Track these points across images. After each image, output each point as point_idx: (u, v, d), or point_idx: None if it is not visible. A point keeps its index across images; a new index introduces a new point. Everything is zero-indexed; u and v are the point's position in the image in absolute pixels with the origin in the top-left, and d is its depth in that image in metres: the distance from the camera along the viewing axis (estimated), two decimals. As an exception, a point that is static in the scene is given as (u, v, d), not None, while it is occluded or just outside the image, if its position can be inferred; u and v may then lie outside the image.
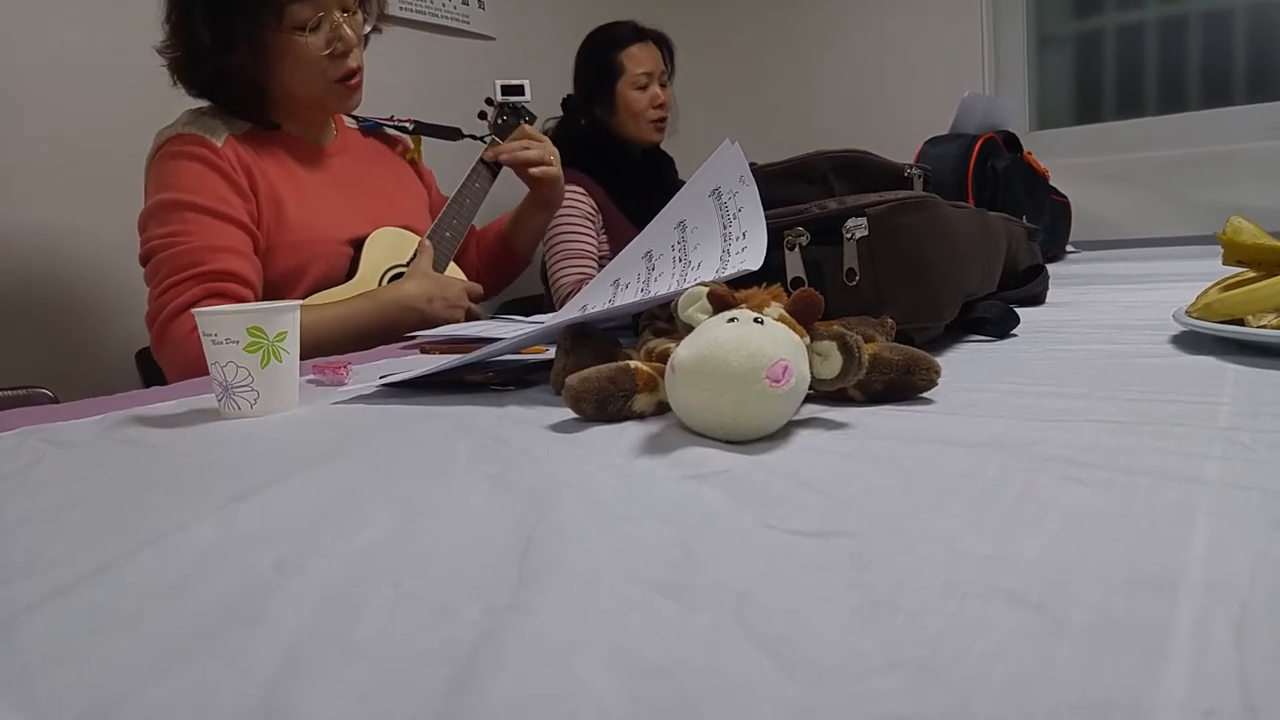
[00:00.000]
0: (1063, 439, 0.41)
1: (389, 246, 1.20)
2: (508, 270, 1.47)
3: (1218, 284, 0.66)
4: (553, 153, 1.36)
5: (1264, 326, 0.57)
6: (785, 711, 0.21)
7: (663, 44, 1.92)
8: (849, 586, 0.27)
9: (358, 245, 1.17)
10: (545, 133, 1.75)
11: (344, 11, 1.14)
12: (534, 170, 1.33)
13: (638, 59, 1.86)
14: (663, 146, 1.98)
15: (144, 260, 1.07)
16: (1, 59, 1.31)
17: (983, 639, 0.23)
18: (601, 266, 1.79)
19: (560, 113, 1.94)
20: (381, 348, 1.02)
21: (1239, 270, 0.67)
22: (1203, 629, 0.23)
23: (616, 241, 1.82)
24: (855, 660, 0.23)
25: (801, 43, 2.66)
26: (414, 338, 0.96)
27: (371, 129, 1.37)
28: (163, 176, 1.09)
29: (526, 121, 1.38)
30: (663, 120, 1.90)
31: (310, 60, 1.13)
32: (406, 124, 1.37)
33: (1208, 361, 0.57)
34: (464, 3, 2.11)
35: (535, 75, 1.96)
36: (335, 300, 1.11)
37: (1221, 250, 0.67)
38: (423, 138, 1.40)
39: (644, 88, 1.86)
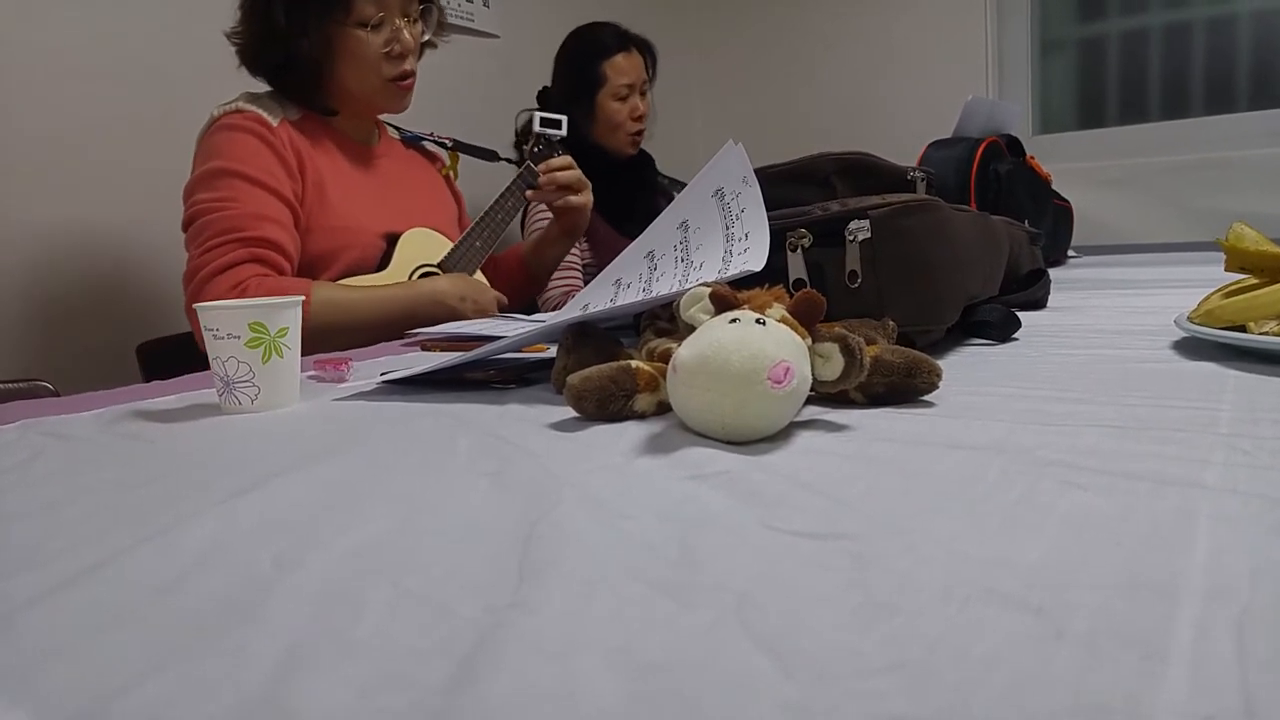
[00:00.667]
0: (1063, 443, 0.41)
1: (421, 245, 1.25)
2: (524, 297, 1.53)
3: (1219, 290, 0.66)
4: (587, 184, 1.39)
5: (1265, 333, 0.57)
6: (783, 710, 0.21)
7: (646, 51, 1.89)
8: (849, 587, 0.27)
9: (392, 240, 1.22)
10: (523, 128, 1.79)
11: (405, 18, 1.21)
12: (559, 203, 1.37)
13: (621, 69, 1.83)
14: (648, 147, 1.97)
15: (187, 224, 1.11)
16: (0, 56, 1.31)
17: (982, 642, 0.23)
18: (587, 275, 1.78)
19: (537, 105, 1.94)
20: (383, 344, 1.03)
21: (1241, 276, 0.67)
22: (1203, 634, 0.23)
23: (599, 248, 1.81)
24: (854, 660, 0.23)
25: (805, 44, 2.67)
26: (416, 334, 0.97)
27: (412, 141, 1.42)
28: (216, 147, 1.13)
29: (559, 154, 1.41)
30: (640, 132, 1.89)
31: (368, 56, 1.19)
32: (445, 141, 1.42)
33: (1209, 367, 0.57)
34: (468, 0, 2.11)
35: (538, 74, 1.96)
36: (377, 285, 1.14)
37: (1224, 256, 0.67)
38: (459, 156, 1.43)
39: (624, 99, 1.84)
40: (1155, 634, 0.23)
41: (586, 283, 0.92)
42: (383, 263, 1.21)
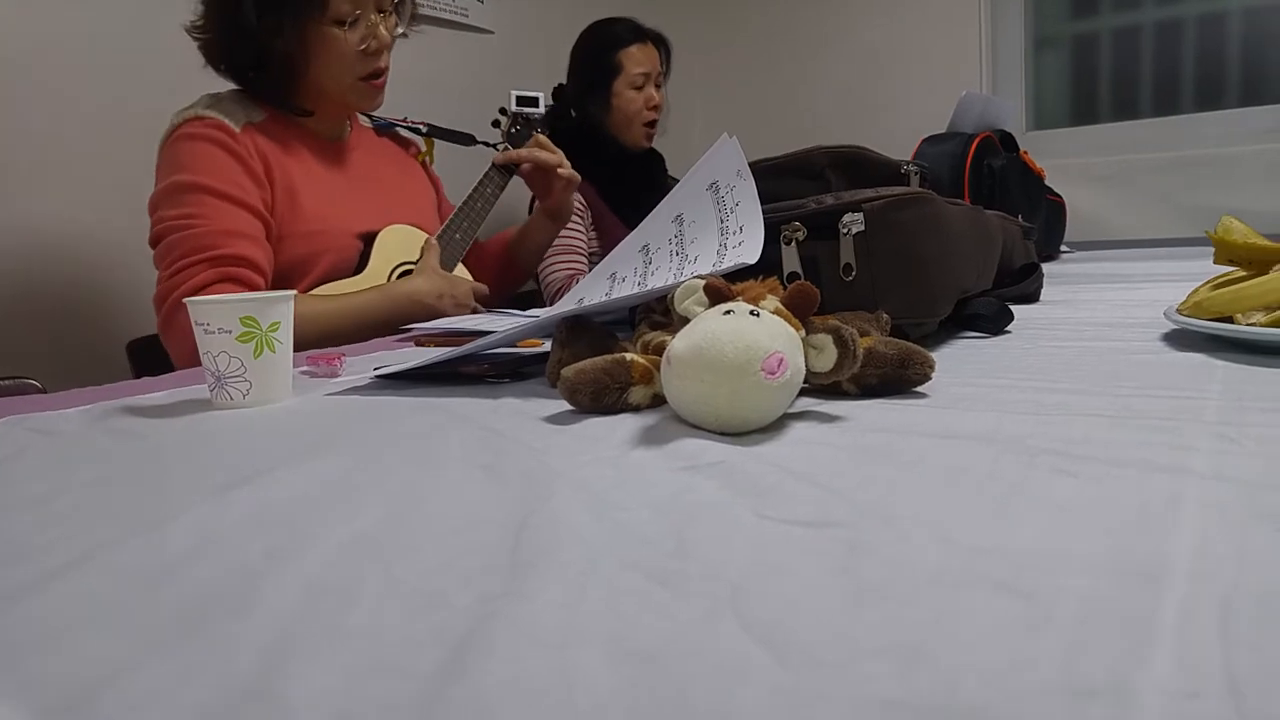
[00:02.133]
0: (1055, 433, 0.41)
1: (399, 243, 1.22)
2: (507, 283, 1.49)
3: (1208, 283, 0.67)
4: (567, 162, 1.36)
5: (1252, 324, 0.57)
6: (775, 695, 0.21)
7: (661, 44, 1.92)
8: (841, 574, 0.27)
9: (368, 240, 1.19)
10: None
11: (379, 12, 1.17)
12: (556, 172, 1.33)
13: (636, 59, 1.85)
14: (654, 144, 1.98)
15: (154, 242, 1.08)
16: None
17: (972, 626, 0.23)
18: (591, 263, 1.79)
19: (551, 101, 1.94)
20: (376, 340, 1.02)
21: (1229, 269, 0.67)
22: (1187, 616, 0.23)
23: (605, 238, 1.82)
24: (846, 646, 0.23)
25: (804, 40, 2.67)
26: (409, 330, 0.96)
27: (385, 129, 1.38)
28: (178, 158, 1.09)
29: (540, 133, 1.38)
30: (654, 123, 1.90)
31: (344, 54, 1.15)
32: (420, 126, 1.39)
33: (1197, 358, 0.57)
34: (461, -4, 2.10)
35: (533, 70, 1.96)
36: (347, 292, 1.11)
37: (1213, 249, 0.67)
38: (435, 141, 1.40)
39: (640, 88, 1.86)
40: (1141, 616, 0.23)
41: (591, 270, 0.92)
42: (361, 264, 1.18)
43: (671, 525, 0.33)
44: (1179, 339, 0.64)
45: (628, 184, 1.85)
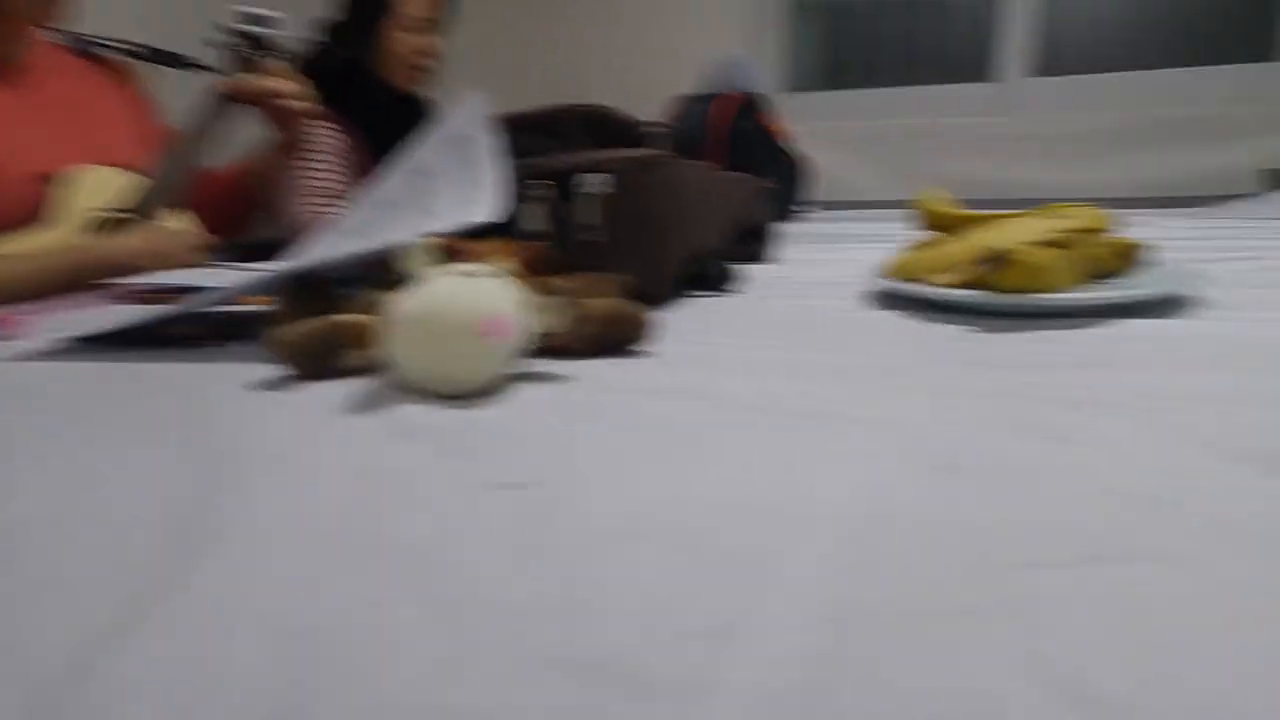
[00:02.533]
0: (759, 388, 0.45)
1: (94, 186, 1.03)
2: (241, 218, 1.33)
3: (911, 246, 0.75)
4: (302, 92, 1.22)
5: (945, 285, 0.65)
6: (439, 663, 0.21)
7: None
8: (525, 534, 0.28)
9: (57, 182, 1.00)
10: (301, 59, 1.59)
11: None
12: (278, 103, 1.19)
13: (414, 1, 1.75)
14: (430, 92, 1.89)
15: None
16: None
17: (632, 575, 0.25)
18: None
19: (318, 37, 1.79)
20: (71, 295, 0.88)
21: (933, 234, 0.76)
22: (818, 555, 0.26)
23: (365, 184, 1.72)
24: (510, 606, 0.24)
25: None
26: (113, 283, 0.84)
27: (83, 49, 1.17)
28: None
29: (279, 58, 1.23)
30: (426, 69, 1.81)
31: None
32: (128, 46, 1.19)
33: (892, 316, 0.64)
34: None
35: (289, 4, 1.77)
36: (30, 253, 0.93)
37: (918, 216, 0.76)
38: (148, 64, 1.22)
39: (411, 30, 1.76)
40: (779, 556, 0.26)
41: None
42: (46, 213, 0.98)
43: (368, 494, 0.32)
44: (882, 298, 0.72)
45: (395, 129, 1.75)
